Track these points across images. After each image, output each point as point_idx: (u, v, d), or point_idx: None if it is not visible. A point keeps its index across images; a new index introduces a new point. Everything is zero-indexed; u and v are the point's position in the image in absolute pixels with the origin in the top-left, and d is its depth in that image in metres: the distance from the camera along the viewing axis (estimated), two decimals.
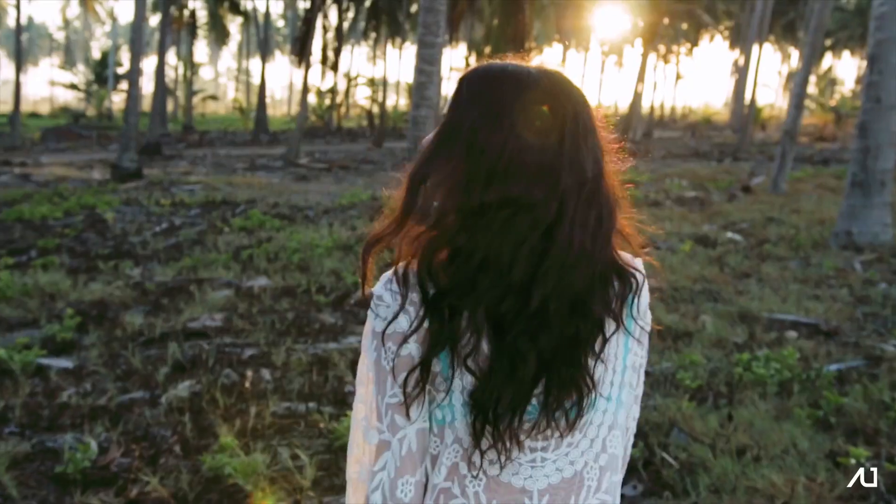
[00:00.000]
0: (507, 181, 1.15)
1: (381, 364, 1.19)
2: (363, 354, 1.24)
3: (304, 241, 10.33)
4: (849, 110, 52.81)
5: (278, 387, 5.18)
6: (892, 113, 10.49)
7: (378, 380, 1.20)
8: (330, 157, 27.39)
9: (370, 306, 1.22)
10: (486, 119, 1.17)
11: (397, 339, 1.18)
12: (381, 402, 1.20)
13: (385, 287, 1.21)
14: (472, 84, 1.22)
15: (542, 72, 1.22)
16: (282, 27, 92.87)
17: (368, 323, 1.22)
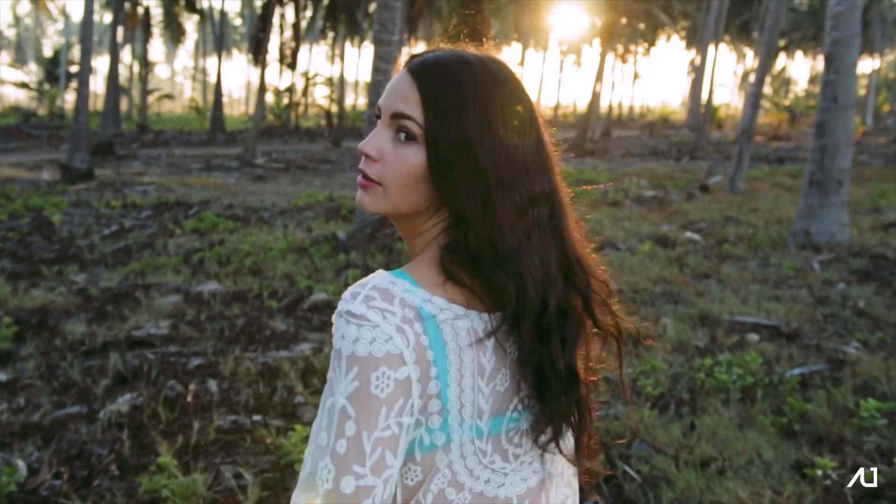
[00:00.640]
0: (529, 178, 1.15)
1: (371, 393, 1.03)
2: (335, 387, 1.05)
3: (258, 243, 10.07)
4: (803, 109, 53.61)
5: (225, 399, 4.95)
6: (848, 112, 10.51)
7: (365, 413, 1.03)
8: (287, 157, 27.02)
9: (341, 329, 1.06)
10: (482, 121, 1.13)
11: (394, 363, 1.04)
12: (368, 438, 1.02)
13: (366, 305, 1.06)
14: (448, 84, 1.15)
15: (501, 63, 1.21)
16: (239, 25, 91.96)
17: (344, 348, 1.04)
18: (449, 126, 1.12)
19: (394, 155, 1.15)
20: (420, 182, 1.15)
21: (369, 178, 1.17)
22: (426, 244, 1.20)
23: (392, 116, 1.16)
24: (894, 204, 15.19)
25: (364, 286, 1.08)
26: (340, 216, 12.80)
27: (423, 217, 1.19)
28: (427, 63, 1.17)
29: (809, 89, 77.54)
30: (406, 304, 1.07)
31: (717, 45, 30.15)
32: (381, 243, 9.74)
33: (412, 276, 1.12)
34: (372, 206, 1.19)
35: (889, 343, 6.08)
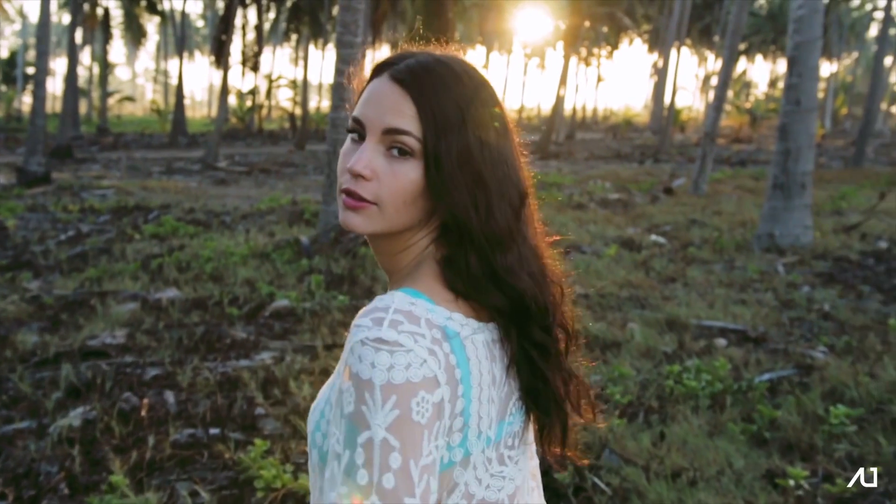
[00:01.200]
0: (517, 177, 1.16)
1: (413, 420, 0.98)
2: (370, 420, 0.97)
3: (219, 248, 9.87)
4: (763, 112, 54.29)
5: (182, 411, 4.78)
6: (811, 115, 10.56)
7: (410, 442, 0.98)
8: (250, 160, 26.73)
9: (369, 358, 0.98)
10: (479, 131, 1.11)
11: (430, 386, 1.00)
12: (415, 467, 0.98)
13: (396, 330, 1.01)
14: (442, 95, 1.11)
15: (471, 64, 1.20)
16: (201, 27, 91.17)
17: (377, 377, 0.98)
18: (450, 140, 1.09)
19: (389, 172, 1.10)
20: (418, 198, 1.11)
21: (361, 197, 1.10)
22: (414, 258, 1.17)
23: (385, 132, 1.10)
24: (855, 206, 15.33)
25: (385, 310, 1.03)
26: (303, 220, 12.62)
27: (411, 231, 1.15)
28: (414, 72, 1.11)
29: (769, 92, 78.58)
30: (431, 324, 1.04)
31: (680, 48, 30.34)
32: (345, 248, 9.60)
33: (427, 294, 1.09)
34: (365, 227, 1.12)
35: (855, 347, 6.06)
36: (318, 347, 5.99)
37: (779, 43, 71.79)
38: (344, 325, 6.71)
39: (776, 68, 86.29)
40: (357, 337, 1.00)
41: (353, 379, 0.99)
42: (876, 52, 27.67)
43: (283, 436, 4.45)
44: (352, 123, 1.14)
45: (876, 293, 8.12)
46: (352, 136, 1.14)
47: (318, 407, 1.13)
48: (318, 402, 1.15)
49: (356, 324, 1.03)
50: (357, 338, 1.00)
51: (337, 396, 1.02)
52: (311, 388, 5.11)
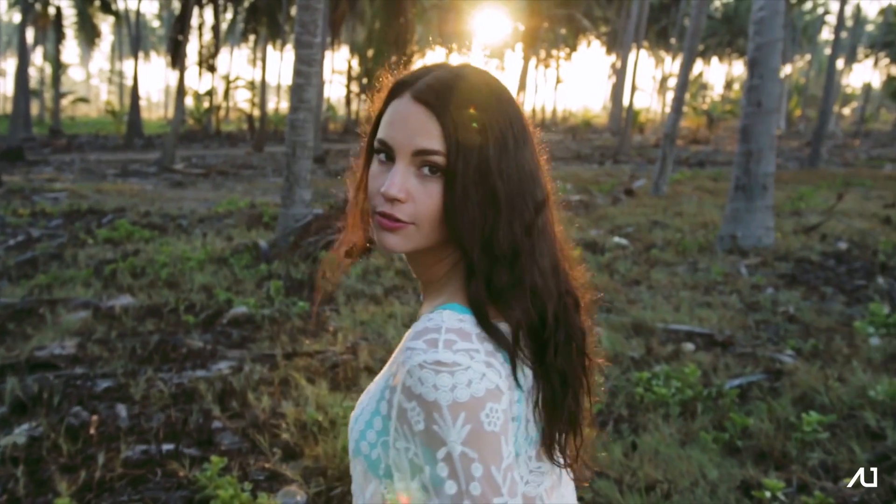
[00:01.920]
0: (534, 187, 1.17)
1: (487, 431, 1.03)
2: (445, 437, 1.02)
3: (175, 253, 9.62)
4: (720, 114, 54.89)
5: (134, 426, 4.58)
6: (772, 117, 10.57)
7: (487, 450, 1.03)
8: (208, 162, 26.33)
9: (431, 381, 1.02)
10: (499, 146, 1.13)
11: (495, 396, 1.05)
12: (498, 471, 1.03)
13: (451, 351, 1.04)
14: (465, 113, 1.12)
15: (490, 73, 1.22)
16: (157, 27, 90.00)
17: (441, 398, 1.02)
18: (469, 158, 1.10)
19: (423, 192, 1.12)
20: None
21: (398, 219, 1.13)
22: (447, 270, 1.20)
23: (415, 154, 1.12)
24: (813, 207, 15.45)
25: (438, 331, 1.06)
26: (262, 223, 12.39)
27: (445, 243, 1.17)
28: (435, 90, 1.13)
29: (725, 94, 79.56)
30: (482, 338, 1.08)
31: (638, 50, 30.48)
32: (305, 252, 9.40)
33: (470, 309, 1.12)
34: (403, 246, 1.16)
35: (822, 350, 6.01)
36: (277, 356, 5.80)
37: (734, 45, 72.71)
38: (303, 332, 6.54)
39: (731, 70, 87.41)
40: (415, 361, 1.03)
41: (416, 399, 1.03)
42: (829, 55, 28.03)
43: (242, 451, 4.27)
44: (378, 145, 1.16)
45: (839, 294, 8.12)
46: (379, 157, 1.17)
47: (362, 417, 1.15)
48: (361, 411, 1.17)
49: (409, 346, 1.05)
50: (415, 361, 1.03)
51: (397, 413, 1.06)
52: (270, 399, 4.93)
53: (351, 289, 8.02)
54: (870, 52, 73.46)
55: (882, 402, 4.67)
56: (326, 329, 6.59)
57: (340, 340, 6.19)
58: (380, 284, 8.23)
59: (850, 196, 16.78)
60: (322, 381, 5.24)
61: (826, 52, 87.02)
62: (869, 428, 4.42)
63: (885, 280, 8.74)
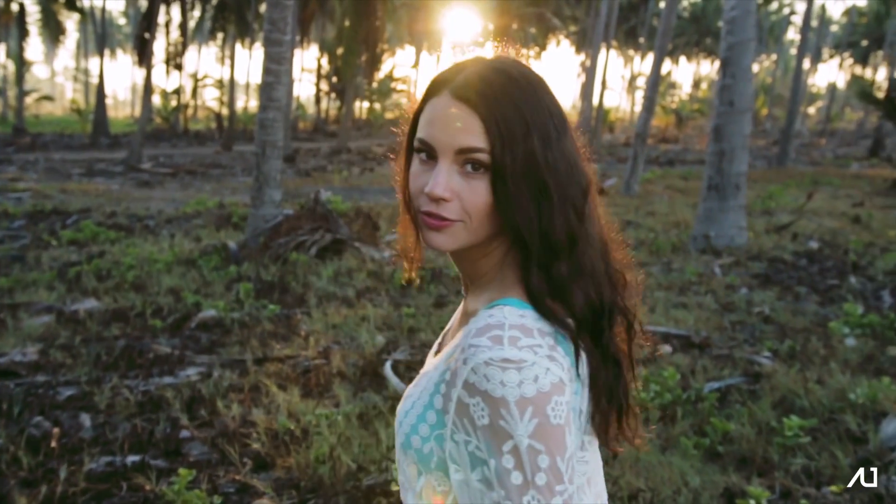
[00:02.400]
0: (579, 174, 1.18)
1: (553, 424, 1.04)
2: (513, 431, 1.03)
3: (142, 255, 9.42)
4: (689, 113, 55.25)
5: (99, 436, 4.42)
6: (745, 116, 10.57)
7: (553, 443, 1.04)
8: (175, 162, 25.99)
9: (498, 377, 1.03)
10: (543, 138, 1.14)
11: (559, 389, 1.06)
12: (562, 461, 1.05)
13: (516, 347, 1.05)
14: (507, 107, 1.13)
15: (526, 65, 1.21)
16: (123, 24, 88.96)
17: (509, 394, 1.03)
18: (516, 152, 1.11)
19: (468, 189, 1.13)
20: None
21: (445, 218, 1.14)
22: (496, 263, 1.21)
23: (458, 152, 1.12)
24: (783, 205, 15.54)
25: (501, 327, 1.07)
26: (231, 224, 12.20)
27: (491, 238, 1.18)
28: (474, 86, 1.13)
29: (693, 93, 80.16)
30: (544, 333, 1.08)
31: (608, 49, 30.53)
32: (275, 253, 9.24)
33: (530, 304, 1.13)
34: (452, 244, 1.16)
35: (799, 352, 5.98)
36: (247, 362, 5.66)
37: (702, 45, 73.30)
38: (274, 336, 6.40)
39: (700, 69, 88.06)
40: (480, 358, 1.04)
41: (481, 395, 1.04)
42: (797, 55, 28.26)
43: (211, 462, 4.13)
44: (419, 144, 1.16)
45: (812, 294, 8.12)
46: (419, 156, 1.17)
47: (413, 411, 1.16)
48: (412, 405, 1.18)
49: (473, 343, 1.05)
50: (480, 358, 1.04)
51: (457, 407, 1.07)
52: (240, 407, 4.79)
53: (322, 291, 7.88)
54: (834, 53, 74.34)
55: (862, 405, 4.62)
56: (298, 333, 6.45)
57: (312, 345, 6.06)
58: (352, 286, 8.09)
59: (818, 195, 16.91)
60: (293, 388, 5.11)
61: (792, 52, 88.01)
62: (850, 431, 4.38)
63: (857, 279, 8.76)
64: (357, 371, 5.51)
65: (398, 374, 5.42)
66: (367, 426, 4.53)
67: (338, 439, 4.21)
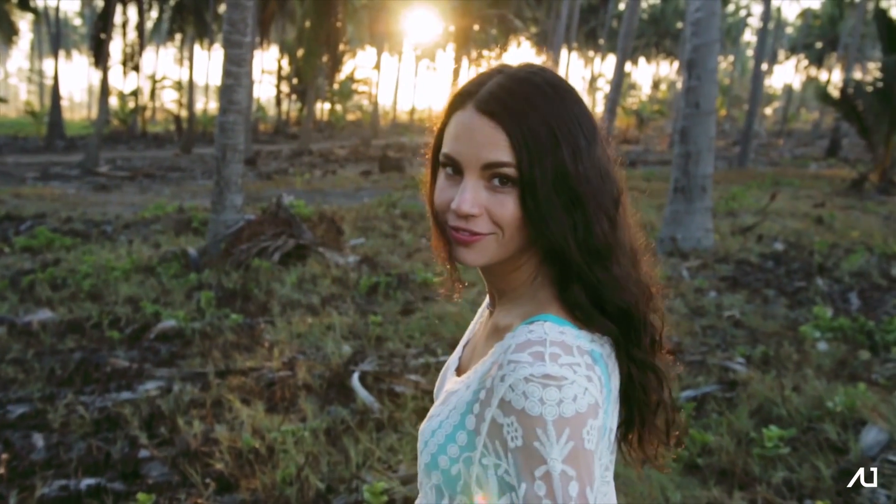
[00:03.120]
0: (611, 183, 1.16)
1: (586, 449, 1.01)
2: (546, 454, 1.00)
3: (99, 262, 9.14)
4: (649, 114, 55.65)
5: (52, 458, 4.20)
6: (710, 118, 10.54)
7: (585, 470, 1.01)
8: (134, 165, 25.54)
9: (537, 394, 1.00)
10: (573, 149, 1.11)
11: (594, 412, 1.04)
12: (591, 490, 1.01)
13: (558, 364, 1.03)
14: (533, 119, 1.10)
15: (554, 73, 1.19)
16: (79, 25, 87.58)
17: (547, 412, 1.00)
18: (545, 166, 1.08)
19: (496, 203, 1.11)
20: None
21: (476, 232, 1.12)
22: (528, 276, 1.19)
23: (484, 167, 1.10)
24: (746, 207, 15.60)
25: (543, 343, 1.04)
26: (191, 229, 11.93)
27: (522, 251, 1.16)
28: (498, 98, 1.10)
29: (653, 94, 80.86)
30: (583, 351, 1.06)
31: (570, 50, 30.60)
32: (237, 260, 9.02)
33: (568, 320, 1.11)
34: (483, 259, 1.15)
35: (772, 357, 5.92)
36: (209, 375, 5.46)
37: (661, 46, 73.92)
38: (237, 346, 6.20)
39: (659, 71, 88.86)
40: (520, 374, 1.01)
41: (517, 415, 1.01)
42: (755, 57, 28.52)
43: (172, 484, 3.94)
44: (444, 159, 1.15)
45: (781, 297, 8.09)
46: (445, 170, 1.15)
47: (442, 430, 1.13)
48: (440, 425, 1.14)
49: (512, 359, 1.03)
50: (520, 375, 1.01)
51: (489, 428, 1.05)
52: (201, 424, 4.60)
53: (286, 298, 7.69)
54: (790, 55, 75.40)
55: (841, 413, 4.55)
56: (261, 343, 6.26)
57: (276, 356, 5.87)
58: (316, 293, 7.91)
59: (780, 196, 17.00)
60: (258, 402, 4.93)
61: (748, 53, 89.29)
62: (830, 441, 4.30)
63: (824, 281, 8.76)
64: (323, 383, 5.34)
65: (366, 386, 5.26)
66: (336, 442, 4.37)
67: (305, 458, 4.05)
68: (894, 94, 19.51)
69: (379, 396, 5.06)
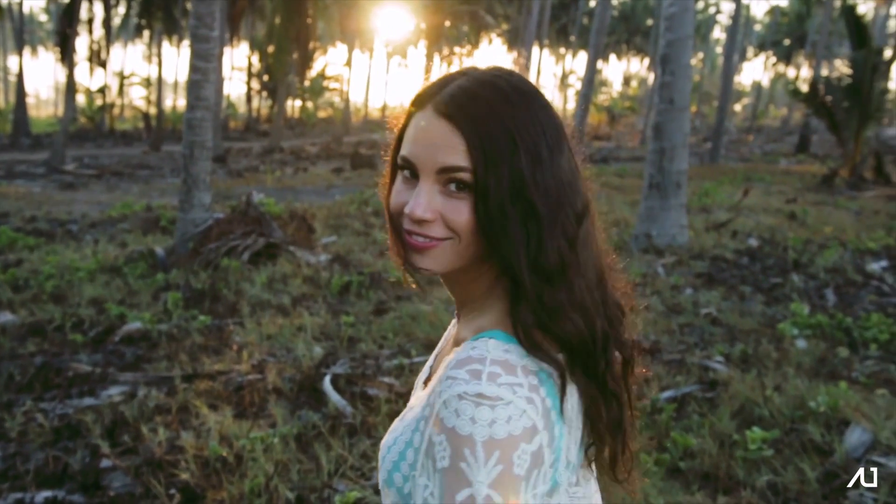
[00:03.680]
0: (573, 197, 1.09)
1: (514, 474, 0.94)
2: (472, 477, 0.93)
3: (63, 263, 8.90)
4: (620, 110, 55.84)
5: (9, 469, 4.01)
6: (684, 114, 10.47)
7: (512, 495, 0.94)
8: (101, 163, 25.12)
9: (469, 413, 0.94)
10: (532, 157, 1.05)
11: (529, 436, 0.96)
12: None
13: (495, 384, 0.97)
14: (492, 124, 1.04)
15: (521, 77, 1.13)
16: (45, 21, 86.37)
17: (478, 433, 0.94)
18: (501, 173, 1.04)
19: (452, 209, 1.07)
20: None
21: (432, 237, 1.08)
22: (485, 290, 1.14)
23: (440, 171, 1.06)
24: (719, 202, 15.60)
25: (482, 361, 1.00)
26: (160, 228, 11.69)
27: (482, 261, 1.11)
28: (458, 101, 1.06)
29: (623, 90, 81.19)
30: (528, 371, 1.01)
31: (542, 47, 30.55)
32: (206, 260, 8.82)
33: (515, 336, 1.06)
34: (438, 266, 1.10)
35: (751, 355, 5.83)
36: (175, 379, 5.27)
37: (632, 43, 74.20)
38: (205, 349, 6.02)
39: (629, 67, 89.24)
40: (454, 390, 0.97)
41: (447, 433, 0.96)
42: (726, 54, 28.62)
43: (135, 496, 3.77)
44: (401, 162, 1.11)
45: (757, 294, 8.03)
46: (403, 173, 1.12)
47: (396, 447, 1.09)
48: (395, 439, 1.10)
49: (450, 375, 0.99)
50: (454, 391, 0.97)
51: (426, 446, 1.00)
52: (167, 431, 4.43)
53: (256, 298, 7.51)
54: (759, 51, 76.02)
55: (824, 414, 4.46)
56: (230, 345, 6.08)
57: (245, 358, 5.69)
58: (287, 293, 7.73)
59: (752, 192, 17.02)
60: (226, 407, 4.76)
61: (717, 50, 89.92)
62: (814, 442, 4.21)
63: (799, 278, 8.72)
64: (294, 387, 5.18)
65: (338, 389, 5.11)
66: (306, 449, 4.22)
67: (274, 467, 3.89)
68: (863, 89, 19.64)
69: (351, 400, 4.91)
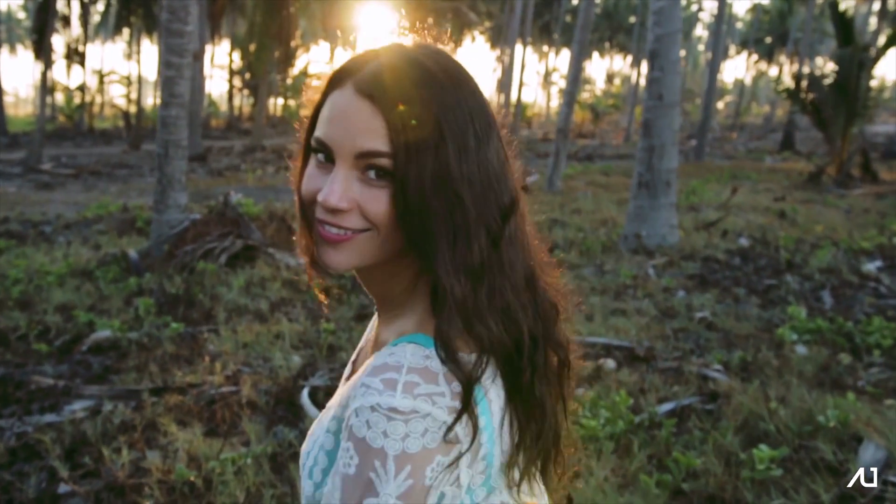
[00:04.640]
0: (500, 190, 1.01)
1: (425, 485, 0.90)
2: (379, 489, 0.88)
3: (32, 266, 8.55)
4: (604, 108, 55.74)
5: None
6: (674, 111, 10.22)
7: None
8: (79, 162, 24.66)
9: (381, 426, 0.88)
10: (459, 146, 0.97)
11: (447, 448, 0.92)
12: None
13: (412, 395, 0.90)
14: (416, 107, 0.95)
15: (450, 56, 1.07)
16: (23, 19, 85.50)
17: (389, 447, 0.88)
18: (424, 161, 0.95)
19: (370, 198, 0.98)
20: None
21: (345, 228, 0.98)
22: (405, 287, 1.05)
23: (358, 157, 0.97)
24: (707, 201, 15.40)
25: (398, 370, 0.92)
26: (136, 229, 11.35)
27: (402, 255, 1.02)
28: (381, 81, 0.96)
29: (607, 88, 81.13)
30: (450, 377, 0.94)
31: (525, 45, 30.33)
32: (181, 263, 8.48)
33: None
34: (352, 262, 1.01)
35: (751, 363, 5.57)
36: (143, 392, 4.96)
37: (614, 41, 74.10)
38: (176, 359, 5.70)
39: (612, 65, 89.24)
40: (367, 401, 0.90)
41: (355, 442, 0.90)
42: (712, 51, 28.49)
43: None
44: (315, 144, 1.00)
45: (752, 296, 7.78)
46: (317, 157, 1.01)
47: (312, 452, 1.02)
48: (312, 446, 1.03)
49: (364, 383, 0.92)
50: (367, 402, 0.90)
51: (338, 451, 0.94)
52: (131, 451, 4.12)
53: (232, 304, 7.19)
54: (741, 49, 76.14)
55: (834, 429, 4.20)
56: (203, 355, 5.77)
57: (219, 369, 5.39)
58: (265, 298, 7.42)
59: (740, 190, 16.83)
60: (196, 425, 4.45)
61: (700, 48, 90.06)
62: (825, 461, 3.94)
63: (794, 279, 8.48)
64: (270, 400, 4.88)
65: (316, 403, 4.81)
66: (281, 470, 3.92)
67: (246, 493, 3.59)
68: (850, 86, 19.48)
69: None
